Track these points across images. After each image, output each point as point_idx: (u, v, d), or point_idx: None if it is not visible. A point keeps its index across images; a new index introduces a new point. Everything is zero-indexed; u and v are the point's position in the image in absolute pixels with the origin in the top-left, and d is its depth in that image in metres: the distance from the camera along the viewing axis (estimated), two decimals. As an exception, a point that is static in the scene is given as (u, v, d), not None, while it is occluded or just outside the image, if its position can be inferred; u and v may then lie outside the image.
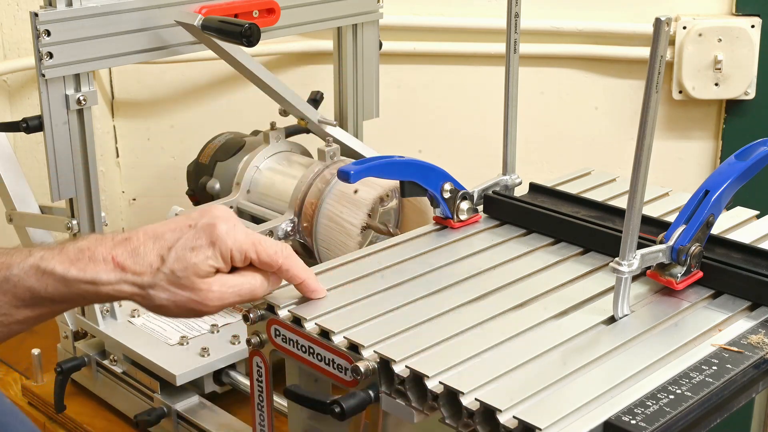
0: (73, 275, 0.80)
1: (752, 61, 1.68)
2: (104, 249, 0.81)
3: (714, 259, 0.90)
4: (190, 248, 0.81)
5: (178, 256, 0.80)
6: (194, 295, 0.81)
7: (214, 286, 0.81)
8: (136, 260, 0.81)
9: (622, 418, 0.71)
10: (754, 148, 0.92)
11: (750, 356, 0.79)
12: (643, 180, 0.80)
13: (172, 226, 0.83)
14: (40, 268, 0.80)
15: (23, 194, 1.27)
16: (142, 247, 0.81)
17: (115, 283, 0.81)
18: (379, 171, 0.98)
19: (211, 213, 0.83)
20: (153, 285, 0.81)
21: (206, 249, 0.81)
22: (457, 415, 0.74)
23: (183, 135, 1.83)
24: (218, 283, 0.82)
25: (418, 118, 1.82)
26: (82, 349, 1.25)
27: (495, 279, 0.93)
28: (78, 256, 0.81)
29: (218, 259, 0.81)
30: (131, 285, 0.81)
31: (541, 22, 1.72)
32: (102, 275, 0.80)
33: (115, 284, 0.81)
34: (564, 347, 0.81)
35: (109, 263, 0.80)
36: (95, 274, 0.80)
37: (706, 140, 1.77)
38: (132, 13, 1.18)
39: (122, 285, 0.81)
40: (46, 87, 1.12)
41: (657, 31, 0.75)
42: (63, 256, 0.81)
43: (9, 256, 0.81)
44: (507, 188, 1.08)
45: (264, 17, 1.25)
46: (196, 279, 0.81)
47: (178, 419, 1.15)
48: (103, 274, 0.80)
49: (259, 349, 0.89)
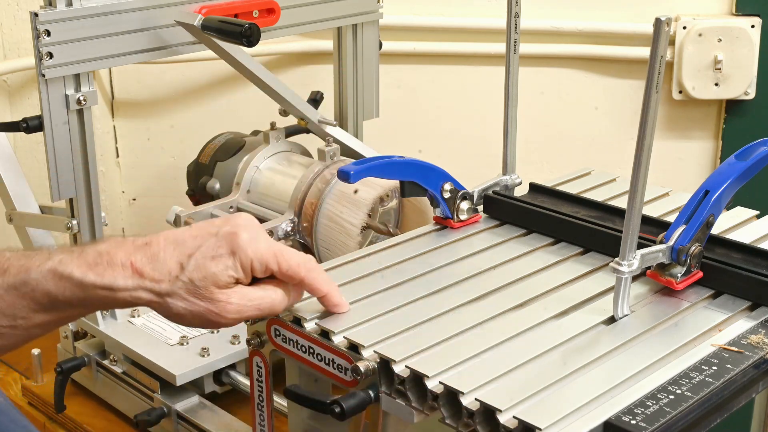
0: (90, 280, 0.78)
1: (752, 61, 1.68)
2: (123, 253, 0.79)
3: (714, 259, 0.90)
4: (211, 257, 0.79)
5: (198, 265, 0.78)
6: (212, 306, 0.79)
7: (233, 298, 0.79)
8: (155, 266, 0.79)
9: (622, 418, 0.71)
10: (754, 148, 0.92)
11: (750, 356, 0.79)
12: (643, 180, 0.80)
13: (194, 232, 0.81)
14: (57, 272, 0.78)
15: (23, 194, 1.27)
16: (162, 252, 0.79)
17: (132, 289, 0.79)
18: (379, 171, 0.98)
19: (234, 221, 0.81)
20: (171, 293, 0.79)
21: (226, 258, 0.79)
22: (457, 415, 0.74)
23: (183, 135, 1.83)
24: (238, 296, 0.80)
25: (418, 118, 1.82)
26: (82, 349, 1.25)
27: (495, 279, 0.93)
28: (96, 261, 0.79)
29: (238, 270, 0.79)
30: (149, 292, 0.79)
31: (541, 22, 1.72)
32: (119, 281, 0.78)
33: (132, 290, 0.79)
34: (564, 347, 0.81)
35: (127, 269, 0.78)
36: (112, 280, 0.78)
37: (706, 140, 1.77)
38: (132, 13, 1.18)
39: (139, 292, 0.79)
40: (46, 87, 1.12)
41: (657, 31, 0.75)
42: (81, 260, 0.79)
43: (28, 259, 0.80)
44: (507, 188, 1.08)
45: (264, 17, 1.25)
46: (214, 289, 0.79)
47: (178, 419, 1.15)
48: (121, 280, 0.78)
49: (259, 349, 0.89)
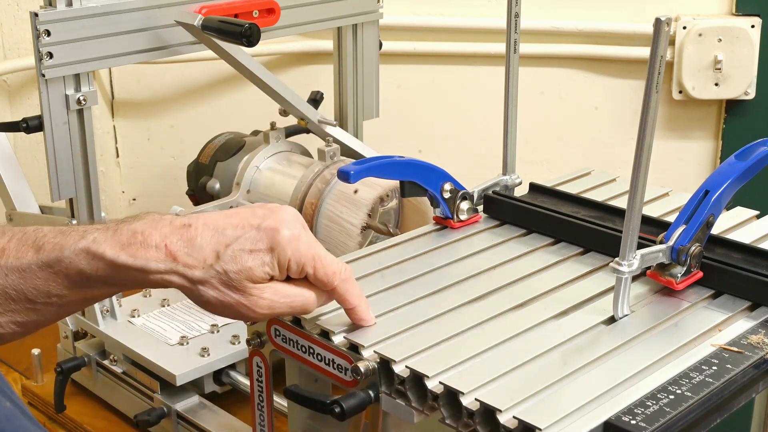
0: (122, 261, 0.76)
1: (752, 61, 1.68)
2: (159, 234, 0.77)
3: (714, 259, 0.90)
4: (249, 250, 0.77)
5: (235, 256, 0.76)
6: (244, 299, 0.77)
7: (266, 293, 0.78)
8: (190, 251, 0.76)
9: (622, 418, 0.71)
10: (754, 148, 0.92)
11: (750, 356, 0.79)
12: (643, 180, 0.80)
13: (236, 221, 0.78)
14: (91, 251, 0.76)
15: (23, 194, 1.27)
16: (199, 237, 0.77)
17: (165, 272, 0.77)
18: (379, 171, 0.98)
19: (278, 216, 0.78)
20: (203, 281, 0.77)
21: (264, 254, 0.77)
22: (457, 415, 0.74)
23: (183, 135, 1.83)
24: (271, 291, 0.78)
25: (418, 118, 1.82)
26: (82, 349, 1.25)
27: (495, 279, 0.92)
28: (130, 240, 0.76)
29: (274, 267, 0.77)
30: (181, 277, 0.77)
31: (541, 22, 1.72)
32: (152, 264, 0.76)
33: (164, 274, 0.77)
34: (564, 347, 0.81)
35: (161, 251, 0.76)
36: (145, 263, 0.76)
37: (706, 140, 1.77)
38: (132, 13, 1.18)
39: (172, 276, 0.77)
40: (46, 87, 1.12)
41: (657, 31, 0.75)
42: (115, 240, 0.76)
43: (64, 236, 0.78)
44: (507, 188, 1.08)
45: (264, 17, 1.25)
46: (248, 283, 0.77)
47: (178, 419, 1.15)
48: (153, 262, 0.76)
49: (259, 349, 0.89)
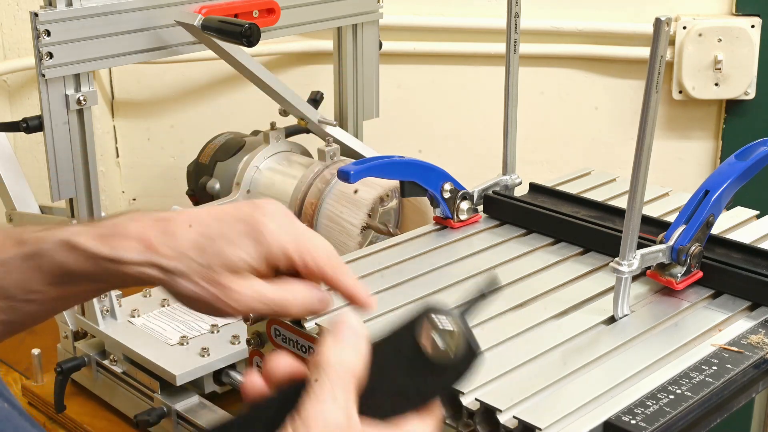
0: (98, 251, 0.72)
1: (752, 61, 1.68)
2: (138, 226, 0.73)
3: (714, 259, 0.90)
4: (230, 242, 0.73)
5: (215, 249, 0.72)
6: (221, 293, 0.72)
7: (246, 289, 0.73)
8: (168, 242, 0.73)
9: (622, 418, 0.71)
10: (754, 148, 0.92)
11: (750, 356, 0.79)
12: (643, 180, 0.80)
13: (218, 214, 0.74)
14: (70, 243, 0.73)
15: (23, 194, 1.27)
16: (180, 230, 0.73)
17: (140, 264, 0.72)
18: (379, 171, 0.98)
19: (262, 208, 0.75)
20: (182, 273, 0.73)
21: (246, 246, 0.73)
22: (457, 415, 0.74)
23: (183, 135, 1.83)
24: (251, 289, 0.73)
25: (418, 118, 1.82)
26: (82, 349, 1.24)
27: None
28: (111, 231, 0.73)
29: (257, 260, 0.73)
30: (158, 269, 0.73)
31: (541, 22, 1.72)
32: (127, 254, 0.72)
33: (141, 266, 0.73)
34: (564, 347, 0.81)
35: (139, 242, 0.73)
36: (122, 253, 0.72)
37: (706, 140, 1.77)
38: (132, 13, 1.18)
39: (149, 268, 0.73)
40: (46, 87, 1.12)
41: (657, 31, 0.75)
42: (94, 231, 0.73)
43: (46, 231, 0.75)
44: (507, 188, 1.08)
45: (264, 17, 1.25)
46: (227, 277, 0.72)
47: (178, 419, 1.15)
48: (129, 252, 0.72)
49: (259, 349, 0.89)
